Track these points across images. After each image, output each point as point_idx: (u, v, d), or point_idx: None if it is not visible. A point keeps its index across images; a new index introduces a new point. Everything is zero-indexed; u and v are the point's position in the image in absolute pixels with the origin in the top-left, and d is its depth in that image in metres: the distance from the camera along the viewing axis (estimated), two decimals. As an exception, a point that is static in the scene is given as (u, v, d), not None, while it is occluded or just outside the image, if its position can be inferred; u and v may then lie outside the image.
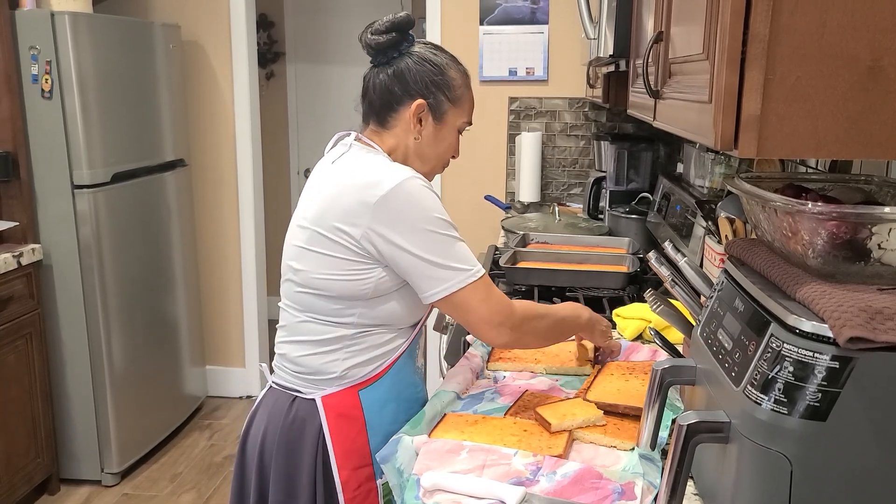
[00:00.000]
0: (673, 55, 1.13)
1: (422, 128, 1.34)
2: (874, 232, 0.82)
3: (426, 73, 1.32)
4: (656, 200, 2.50)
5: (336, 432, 1.29)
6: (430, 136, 1.35)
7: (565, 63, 3.31)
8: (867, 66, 0.78)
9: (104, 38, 2.83)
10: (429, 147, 1.35)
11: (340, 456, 1.29)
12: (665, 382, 1.08)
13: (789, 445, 0.81)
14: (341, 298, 1.28)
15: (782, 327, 0.84)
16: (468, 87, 1.38)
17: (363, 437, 1.30)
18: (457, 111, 1.36)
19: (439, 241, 1.23)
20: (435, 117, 1.34)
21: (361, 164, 1.28)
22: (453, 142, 1.39)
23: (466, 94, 1.37)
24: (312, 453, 1.30)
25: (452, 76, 1.35)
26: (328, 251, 1.26)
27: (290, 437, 1.32)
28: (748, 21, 0.79)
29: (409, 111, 1.32)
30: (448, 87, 1.34)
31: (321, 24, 4.68)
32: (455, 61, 1.38)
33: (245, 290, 3.74)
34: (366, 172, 1.25)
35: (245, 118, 3.58)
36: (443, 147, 1.37)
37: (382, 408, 1.32)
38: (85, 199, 2.76)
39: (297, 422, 1.32)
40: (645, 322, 1.72)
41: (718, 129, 0.82)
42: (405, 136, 1.34)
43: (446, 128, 1.35)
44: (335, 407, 1.30)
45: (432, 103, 1.33)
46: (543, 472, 1.09)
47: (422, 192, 1.24)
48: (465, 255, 1.26)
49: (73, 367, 2.87)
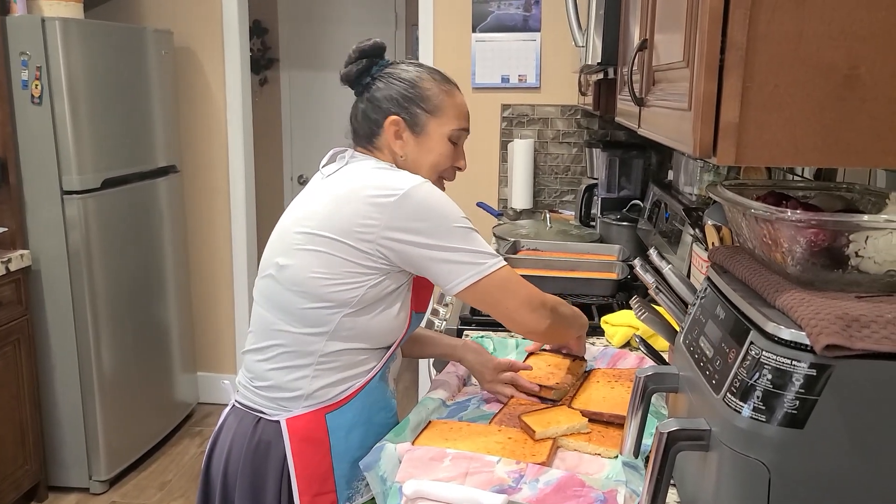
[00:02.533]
0: (657, 63, 1.13)
1: (403, 143, 1.33)
2: (851, 240, 0.82)
3: (397, 91, 1.33)
4: (647, 208, 2.51)
5: (299, 457, 1.26)
6: (414, 151, 1.33)
7: (557, 70, 3.32)
8: (844, 75, 0.78)
9: (95, 43, 2.83)
10: (416, 161, 1.34)
11: (302, 481, 1.26)
12: (648, 390, 1.08)
13: (767, 453, 0.81)
14: (325, 301, 1.23)
15: (761, 335, 0.84)
16: (450, 94, 1.36)
17: (327, 462, 1.27)
18: (438, 121, 1.33)
19: (463, 233, 1.24)
20: (414, 131, 1.33)
21: (372, 169, 1.28)
22: (444, 151, 1.35)
23: (447, 102, 1.35)
24: (277, 478, 1.27)
25: (426, 87, 1.34)
26: (328, 250, 1.22)
27: (254, 461, 1.29)
28: (726, 29, 0.79)
29: (386, 130, 1.32)
30: (422, 99, 1.33)
31: (315, 30, 4.68)
32: (433, 73, 1.37)
33: (237, 296, 3.73)
34: (379, 176, 1.25)
35: (237, 124, 3.58)
36: (432, 158, 1.34)
37: (349, 432, 1.29)
38: (74, 204, 2.76)
39: (261, 445, 1.28)
40: (633, 329, 1.72)
41: (697, 137, 0.82)
42: (392, 155, 1.34)
43: (430, 139, 1.33)
44: (300, 430, 1.26)
45: (407, 118, 1.32)
46: (526, 480, 1.08)
47: (439, 194, 1.26)
48: (489, 248, 1.27)
49: (62, 374, 2.86)
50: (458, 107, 1.37)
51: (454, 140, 1.36)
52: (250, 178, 3.71)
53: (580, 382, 1.47)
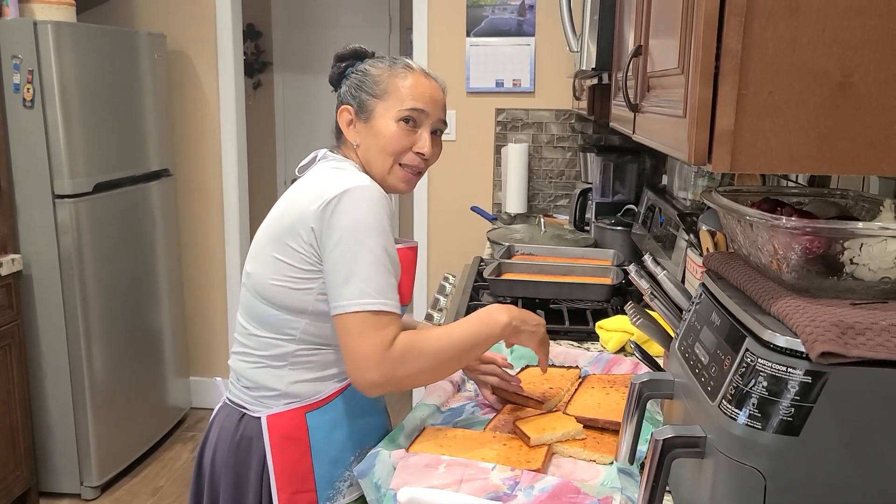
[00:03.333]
0: (651, 69, 1.13)
1: (356, 130, 1.34)
2: (846, 247, 0.82)
3: (352, 82, 1.35)
4: (641, 212, 2.51)
5: (278, 454, 1.27)
6: (366, 136, 1.33)
7: (552, 75, 3.32)
8: (838, 83, 0.78)
9: (88, 47, 2.82)
10: (369, 147, 1.33)
11: (281, 478, 1.26)
12: (643, 396, 1.08)
13: (763, 461, 0.81)
14: (285, 309, 1.25)
15: (757, 342, 0.84)
16: (400, 76, 1.32)
17: (306, 461, 1.27)
18: (385, 104, 1.31)
19: (356, 255, 1.18)
20: (362, 118, 1.33)
21: (321, 173, 1.29)
22: (393, 134, 1.30)
23: (396, 83, 1.32)
24: (258, 474, 1.28)
25: (374, 73, 1.34)
26: (278, 254, 1.25)
27: (237, 456, 1.31)
28: (721, 36, 0.79)
29: (340, 121, 1.35)
30: (369, 85, 1.33)
31: (309, 34, 4.68)
32: (391, 61, 1.35)
33: (230, 300, 3.72)
34: (321, 179, 1.26)
35: (231, 128, 3.57)
36: (380, 141, 1.31)
37: (330, 433, 1.29)
38: (66, 208, 2.74)
39: (244, 441, 1.30)
40: (627, 335, 1.72)
41: (692, 143, 0.82)
42: (353, 146, 1.35)
43: (377, 122, 1.31)
44: (280, 428, 1.27)
45: (355, 105, 1.34)
46: (521, 487, 1.08)
47: (360, 203, 1.20)
48: (376, 283, 1.18)
49: (53, 379, 2.84)
50: (408, 88, 1.32)
51: (405, 120, 1.31)
52: (243, 181, 3.70)
53: (574, 390, 1.46)
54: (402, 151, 1.32)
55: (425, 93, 1.33)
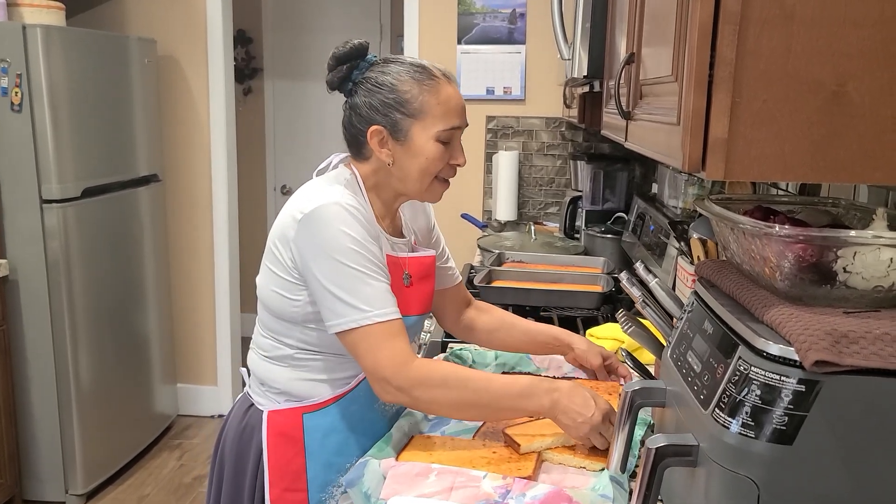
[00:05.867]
0: (644, 77, 1.13)
1: (390, 151, 1.29)
2: (840, 255, 0.82)
3: (377, 98, 1.27)
4: (631, 220, 2.51)
5: (273, 450, 1.30)
6: (402, 157, 1.29)
7: (542, 83, 3.33)
8: (832, 91, 0.78)
9: (77, 51, 2.80)
10: (404, 168, 1.29)
11: (274, 472, 1.29)
12: (635, 404, 1.07)
13: (756, 469, 0.80)
14: (280, 316, 1.29)
15: (750, 350, 0.84)
16: (433, 91, 1.27)
17: (300, 460, 1.29)
18: (422, 124, 1.26)
19: (343, 272, 1.19)
20: (397, 138, 1.27)
21: (309, 186, 1.30)
22: (433, 155, 1.28)
23: (430, 102, 1.26)
24: (256, 463, 1.32)
25: (405, 90, 1.26)
26: (271, 264, 1.29)
27: (240, 443, 1.35)
28: (715, 44, 0.79)
29: (370, 141, 1.29)
30: (402, 103, 1.26)
31: (300, 40, 4.68)
32: (415, 71, 1.28)
33: (218, 306, 3.70)
34: (304, 193, 1.26)
35: (221, 134, 3.56)
36: (420, 162, 1.28)
37: (326, 436, 1.30)
38: (53, 213, 2.72)
39: (247, 429, 1.34)
40: (618, 342, 1.72)
41: (686, 151, 0.82)
42: (381, 161, 1.31)
43: (416, 144, 1.27)
44: (278, 424, 1.30)
45: (388, 126, 1.27)
46: (513, 495, 1.07)
47: (336, 219, 1.20)
48: (370, 295, 1.20)
49: (39, 386, 2.81)
50: (444, 104, 1.28)
51: (444, 140, 1.28)
52: (233, 187, 3.68)
53: None
54: (442, 168, 1.30)
55: (458, 105, 1.30)
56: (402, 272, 1.34)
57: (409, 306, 1.34)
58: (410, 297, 1.35)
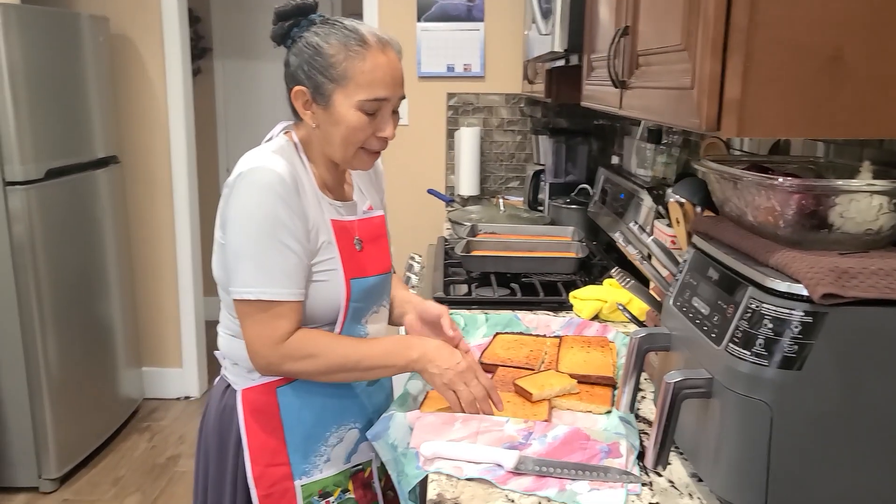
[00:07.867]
0: (644, 47, 1.22)
1: (314, 114, 1.25)
2: (837, 203, 0.93)
3: (304, 58, 1.23)
4: (598, 191, 2.63)
5: (251, 427, 1.30)
6: (324, 122, 1.25)
7: (501, 59, 3.41)
8: (829, 56, 0.88)
9: (33, 30, 2.73)
10: (327, 133, 1.26)
11: (254, 451, 1.30)
12: (643, 349, 1.18)
13: (769, 393, 0.91)
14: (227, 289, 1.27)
15: (759, 289, 0.94)
16: (360, 58, 1.21)
17: (278, 435, 1.30)
18: (345, 91, 1.21)
19: (251, 239, 1.19)
20: (319, 102, 1.23)
21: (256, 149, 1.27)
22: (355, 123, 1.22)
23: (355, 68, 1.20)
24: (237, 444, 1.32)
25: (330, 54, 1.21)
26: (218, 234, 1.28)
27: (220, 425, 1.35)
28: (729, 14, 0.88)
29: (295, 101, 1.26)
30: (325, 67, 1.21)
31: (249, 19, 4.62)
32: (343, 34, 1.22)
33: (181, 289, 3.67)
34: (244, 158, 1.24)
35: (179, 114, 3.52)
36: (341, 130, 1.23)
37: (301, 409, 1.31)
38: (18, 196, 2.66)
39: (226, 410, 1.34)
40: (601, 302, 1.82)
41: (703, 113, 0.91)
42: (309, 124, 1.27)
43: (337, 110, 1.22)
44: (252, 402, 1.31)
45: (311, 88, 1.23)
46: (535, 436, 1.16)
47: (255, 186, 1.19)
48: (274, 270, 1.19)
49: (8, 371, 2.76)
50: (370, 73, 1.21)
51: (368, 111, 1.22)
52: (192, 169, 3.65)
53: (557, 351, 1.55)
54: (366, 139, 1.26)
55: (385, 76, 1.22)
56: (352, 238, 1.32)
57: (364, 268, 1.33)
58: (364, 259, 1.34)
